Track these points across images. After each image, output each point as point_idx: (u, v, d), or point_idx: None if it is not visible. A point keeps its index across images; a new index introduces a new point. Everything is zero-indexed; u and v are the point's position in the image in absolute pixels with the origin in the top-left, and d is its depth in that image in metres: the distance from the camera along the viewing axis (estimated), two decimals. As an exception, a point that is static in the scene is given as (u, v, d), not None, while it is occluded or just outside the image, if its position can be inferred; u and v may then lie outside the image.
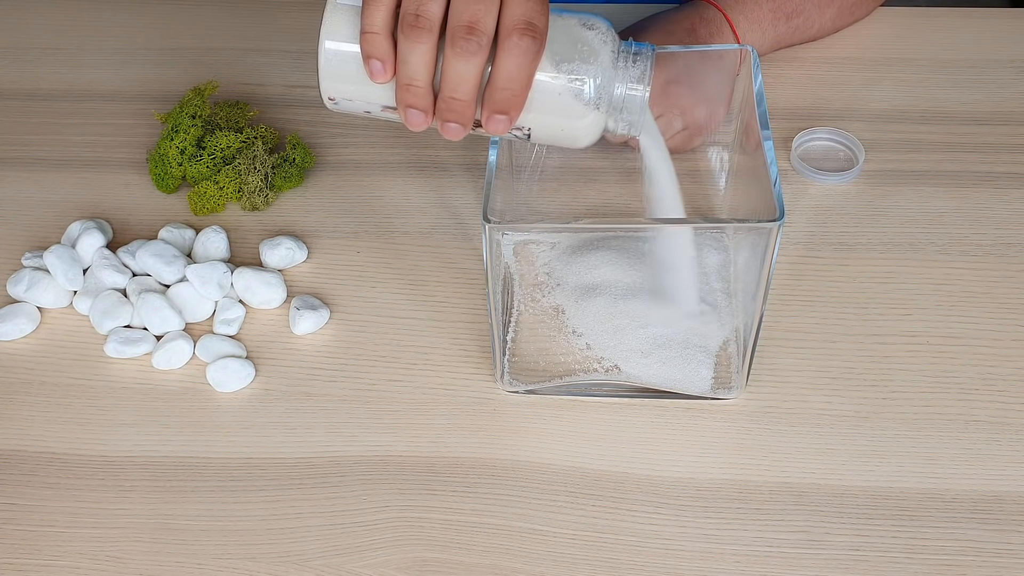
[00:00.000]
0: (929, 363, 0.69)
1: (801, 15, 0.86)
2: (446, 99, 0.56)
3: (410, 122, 0.58)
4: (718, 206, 0.76)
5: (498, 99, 0.56)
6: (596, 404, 0.68)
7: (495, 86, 0.56)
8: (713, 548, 0.61)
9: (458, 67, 0.55)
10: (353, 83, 0.58)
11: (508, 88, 0.56)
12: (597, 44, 0.58)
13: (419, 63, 0.55)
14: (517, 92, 0.56)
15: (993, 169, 0.81)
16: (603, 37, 0.58)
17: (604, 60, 0.58)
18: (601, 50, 0.58)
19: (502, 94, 0.56)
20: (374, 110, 0.60)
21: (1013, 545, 0.61)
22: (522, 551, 0.62)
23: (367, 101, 0.59)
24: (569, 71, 0.58)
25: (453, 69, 0.55)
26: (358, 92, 0.59)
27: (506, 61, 0.55)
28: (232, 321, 0.73)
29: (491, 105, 0.57)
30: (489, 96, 0.56)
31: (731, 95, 0.70)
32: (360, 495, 0.64)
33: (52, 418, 0.69)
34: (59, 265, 0.74)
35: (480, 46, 0.55)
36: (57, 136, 0.87)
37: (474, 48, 0.55)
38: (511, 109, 0.57)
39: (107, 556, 0.62)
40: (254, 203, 0.80)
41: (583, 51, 0.58)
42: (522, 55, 0.55)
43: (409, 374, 0.70)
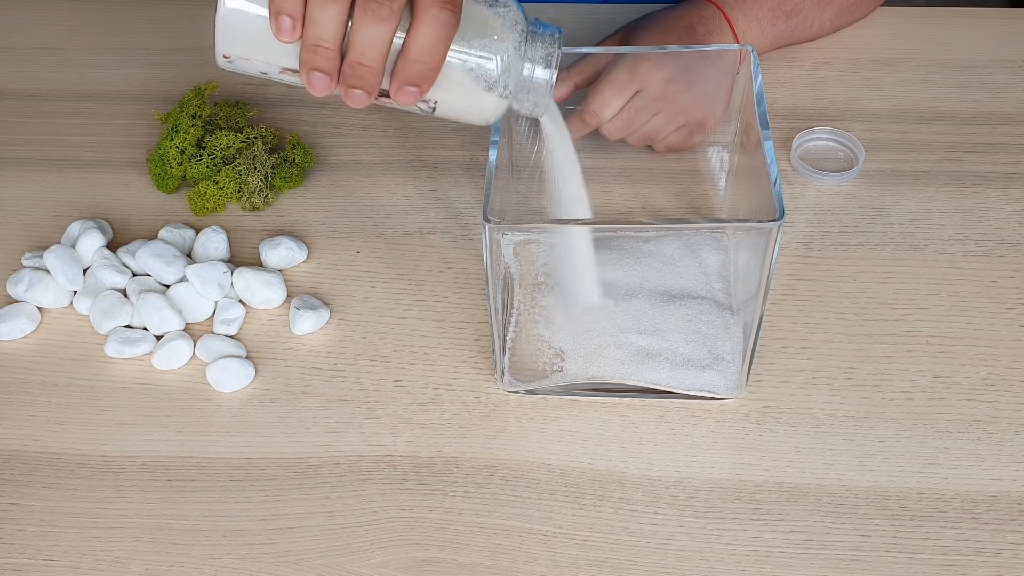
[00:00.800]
0: (929, 363, 0.69)
1: (800, 14, 0.86)
2: (352, 64, 0.55)
3: (313, 86, 0.56)
4: (718, 206, 0.76)
5: (412, 71, 0.55)
6: (596, 404, 0.68)
7: (410, 57, 0.55)
8: (713, 548, 0.61)
9: (368, 31, 0.54)
10: (253, 43, 0.56)
11: (423, 61, 0.55)
12: (507, 23, 0.58)
13: (330, 24, 0.54)
14: (432, 65, 0.55)
15: (993, 169, 0.81)
16: (513, 16, 0.58)
17: (512, 39, 0.58)
18: (510, 30, 0.58)
19: (416, 66, 0.55)
20: (271, 72, 0.58)
21: (1013, 545, 0.61)
22: (522, 551, 0.62)
23: (266, 62, 0.57)
24: (480, 47, 0.57)
25: (362, 33, 0.54)
26: (257, 52, 0.57)
27: (423, 32, 0.54)
28: (232, 321, 0.73)
29: (404, 77, 0.56)
30: (403, 67, 0.55)
31: (730, 93, 0.70)
32: (360, 495, 0.64)
33: (52, 418, 0.69)
34: (59, 265, 0.74)
35: (392, 12, 0.53)
36: (57, 136, 0.87)
37: (386, 13, 0.53)
38: (424, 82, 0.56)
39: (107, 556, 0.63)
40: (254, 203, 0.80)
41: (492, 29, 0.57)
42: (440, 28, 0.54)
43: (409, 374, 0.70)
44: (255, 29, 0.55)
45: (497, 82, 0.58)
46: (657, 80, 0.75)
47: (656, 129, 0.78)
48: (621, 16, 0.87)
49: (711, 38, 0.81)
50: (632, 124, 0.77)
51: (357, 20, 0.54)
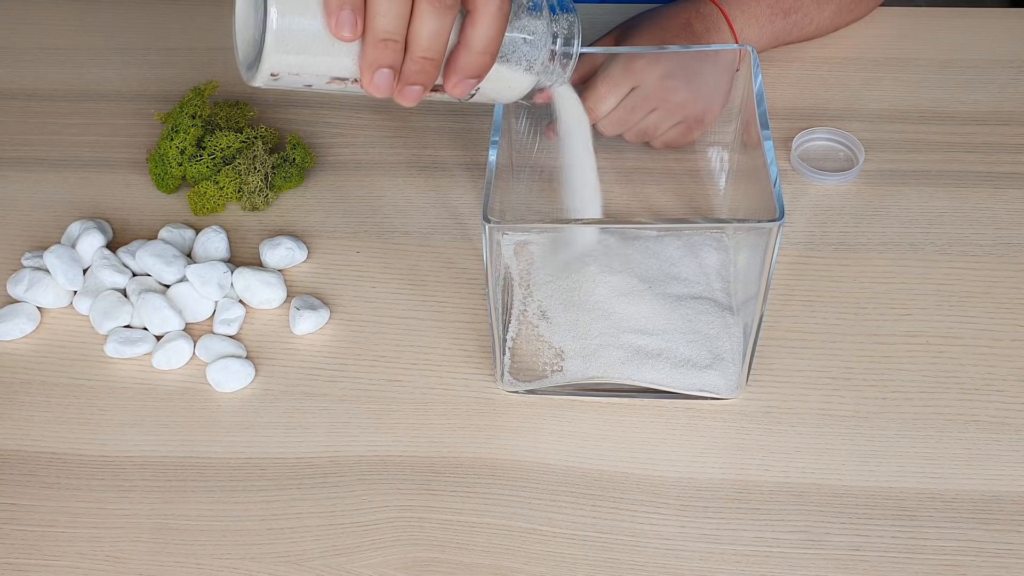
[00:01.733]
0: (929, 363, 0.69)
1: (799, 11, 0.86)
2: (416, 59, 0.52)
3: (377, 85, 0.52)
4: (718, 206, 0.76)
5: (475, 64, 0.54)
6: (596, 404, 0.68)
7: (473, 49, 0.53)
8: (713, 548, 0.61)
9: (432, 23, 0.51)
10: (306, 52, 0.53)
11: (487, 52, 0.54)
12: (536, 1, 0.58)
13: (399, 15, 0.51)
14: (493, 55, 0.54)
15: (993, 169, 0.81)
16: None
17: (544, 16, 0.58)
18: (543, 4, 0.58)
19: (480, 59, 0.54)
20: (318, 83, 0.55)
21: (1013, 545, 0.61)
22: (522, 551, 0.62)
23: (316, 73, 0.54)
24: (520, 29, 0.57)
25: (428, 26, 0.51)
26: (309, 63, 0.53)
27: (486, 24, 0.53)
28: (232, 321, 0.73)
29: (466, 70, 0.54)
30: (465, 60, 0.54)
31: (728, 89, 0.70)
32: (360, 495, 0.64)
33: (52, 418, 0.69)
34: (59, 265, 0.74)
35: (455, 2, 0.52)
36: (57, 136, 0.87)
37: (450, 2, 0.51)
38: (484, 73, 0.55)
39: (107, 556, 0.63)
40: (254, 203, 0.80)
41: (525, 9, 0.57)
42: (502, 18, 0.53)
43: (409, 374, 0.70)
44: (308, 37, 0.52)
45: (535, 60, 0.58)
46: (653, 76, 0.75)
47: (653, 125, 0.78)
48: (621, 16, 0.87)
49: (708, 35, 0.81)
50: (628, 120, 0.77)
51: (422, 12, 0.51)
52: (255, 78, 0.54)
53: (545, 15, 0.58)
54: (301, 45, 0.52)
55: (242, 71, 0.55)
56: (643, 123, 0.77)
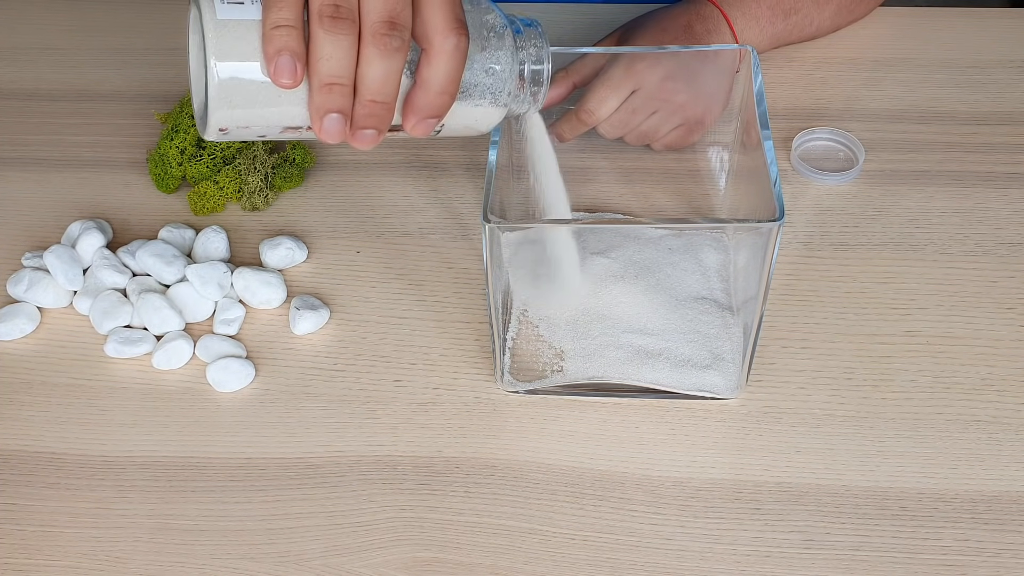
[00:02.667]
0: (929, 363, 0.69)
1: (799, 12, 0.86)
2: (366, 103, 0.51)
3: (328, 132, 0.51)
4: (718, 206, 0.76)
5: (434, 104, 0.52)
6: (596, 404, 0.68)
7: (431, 90, 0.52)
8: (713, 548, 0.61)
9: (381, 66, 0.50)
10: (252, 105, 0.51)
11: (446, 92, 0.52)
12: (499, 30, 0.55)
13: (343, 58, 0.49)
14: (452, 93, 0.53)
15: (993, 169, 0.81)
16: (501, 22, 0.55)
17: (508, 46, 0.55)
18: (502, 37, 0.55)
19: (439, 99, 0.52)
20: (271, 133, 0.53)
21: (1013, 545, 0.61)
22: (522, 551, 0.62)
23: (266, 124, 0.52)
24: (482, 62, 0.55)
25: (375, 69, 0.50)
26: (256, 115, 0.52)
27: (442, 63, 0.51)
28: (232, 321, 0.73)
29: (425, 110, 0.52)
30: (424, 101, 0.52)
31: (728, 91, 0.70)
32: (360, 495, 0.64)
33: (52, 418, 0.69)
34: (59, 265, 0.74)
35: (403, 42, 0.50)
36: (57, 136, 0.87)
37: (397, 44, 0.50)
38: (443, 111, 0.53)
39: (107, 556, 0.62)
40: (254, 203, 0.80)
41: (488, 41, 0.55)
42: (459, 57, 0.52)
43: (409, 374, 0.70)
44: (253, 88, 0.51)
45: (501, 92, 0.56)
46: (654, 79, 0.75)
47: (653, 128, 0.78)
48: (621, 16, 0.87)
49: (709, 37, 0.81)
50: (629, 123, 0.77)
51: (368, 56, 0.50)
52: (206, 132, 0.53)
53: (509, 44, 0.56)
54: (246, 98, 0.51)
55: (198, 125, 0.54)
56: (644, 125, 0.77)
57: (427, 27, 0.51)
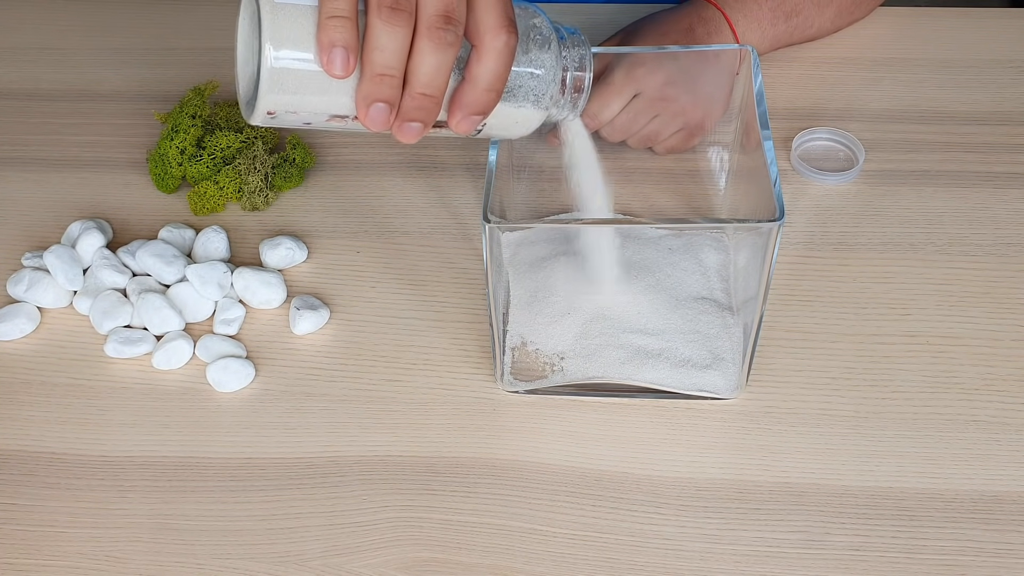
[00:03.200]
0: (929, 363, 0.69)
1: (800, 14, 0.86)
2: (415, 95, 0.51)
3: (373, 120, 0.51)
4: (718, 206, 0.76)
5: (481, 101, 0.53)
6: (596, 404, 0.68)
7: (479, 87, 0.52)
8: (713, 548, 0.61)
9: (433, 60, 0.50)
10: (302, 91, 0.52)
11: (493, 89, 0.53)
12: (545, 35, 0.56)
13: (397, 49, 0.50)
14: (499, 92, 0.53)
15: (993, 169, 0.81)
16: (548, 26, 0.56)
17: (553, 50, 0.56)
18: (548, 41, 0.56)
19: (486, 96, 0.53)
20: (317, 120, 0.54)
21: (1013, 545, 0.61)
22: (522, 551, 0.62)
23: (313, 111, 0.53)
24: (527, 64, 0.56)
25: (427, 62, 0.50)
26: (305, 101, 0.52)
27: (492, 60, 0.52)
28: (232, 321, 0.73)
29: (472, 106, 0.53)
30: (471, 97, 0.53)
31: (729, 94, 0.70)
32: (360, 495, 0.64)
33: (52, 418, 0.69)
34: (59, 265, 0.74)
35: (457, 37, 0.51)
36: (57, 136, 0.87)
37: (451, 39, 0.50)
38: (489, 108, 0.54)
39: (107, 556, 0.63)
40: (254, 203, 0.80)
41: (534, 43, 0.56)
42: (509, 55, 0.52)
43: (409, 374, 0.70)
44: (304, 76, 0.51)
45: (544, 95, 0.57)
46: (656, 82, 0.75)
47: (656, 131, 0.78)
48: (621, 16, 0.87)
49: (711, 39, 0.81)
50: (631, 126, 0.77)
51: (421, 48, 0.50)
52: (252, 116, 0.53)
53: (554, 49, 0.56)
54: (297, 84, 0.51)
55: (242, 108, 0.55)
56: (646, 129, 0.78)
57: (479, 24, 0.51)
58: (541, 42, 0.56)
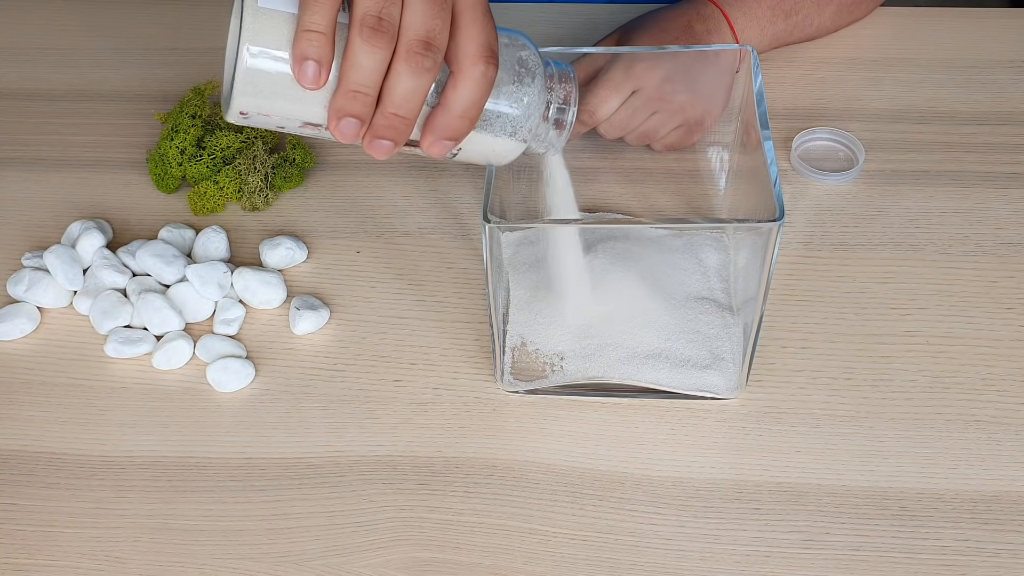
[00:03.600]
0: (929, 363, 0.69)
1: (799, 13, 0.86)
2: (387, 115, 0.52)
3: (342, 132, 0.52)
4: (718, 206, 0.76)
5: (452, 126, 0.53)
6: (596, 404, 0.68)
7: (452, 113, 0.53)
8: (713, 548, 0.61)
9: (408, 82, 0.51)
10: (275, 96, 0.52)
11: (467, 116, 0.53)
12: (531, 68, 0.56)
13: (375, 69, 0.51)
14: (472, 120, 0.54)
15: (993, 169, 0.81)
16: (535, 60, 0.57)
17: (537, 84, 0.56)
18: (534, 74, 0.56)
19: (458, 122, 0.53)
20: (290, 126, 0.54)
21: (1013, 545, 0.61)
22: (522, 551, 0.62)
23: (286, 116, 0.54)
24: (508, 96, 0.56)
25: (403, 84, 0.51)
26: (279, 106, 0.53)
27: (468, 88, 0.52)
28: (232, 321, 0.73)
29: (443, 131, 0.53)
30: (444, 122, 0.53)
31: (728, 92, 0.70)
32: (360, 495, 0.64)
33: (52, 418, 0.69)
34: (59, 265, 0.74)
35: (435, 63, 0.51)
36: (57, 136, 0.87)
37: (429, 65, 0.51)
38: (462, 136, 0.54)
39: (107, 556, 0.63)
40: (254, 203, 0.80)
41: (518, 76, 0.56)
42: (486, 84, 0.53)
43: (409, 374, 0.70)
44: (278, 81, 0.52)
45: (522, 127, 0.57)
46: (654, 79, 0.75)
47: (654, 128, 0.78)
48: (621, 16, 0.87)
49: (709, 37, 0.81)
50: (629, 123, 0.77)
51: (398, 71, 0.51)
52: (227, 114, 0.54)
53: (538, 83, 0.56)
54: (271, 88, 0.52)
55: (222, 105, 0.55)
56: (644, 126, 0.77)
57: (459, 51, 0.52)
58: (524, 75, 0.56)
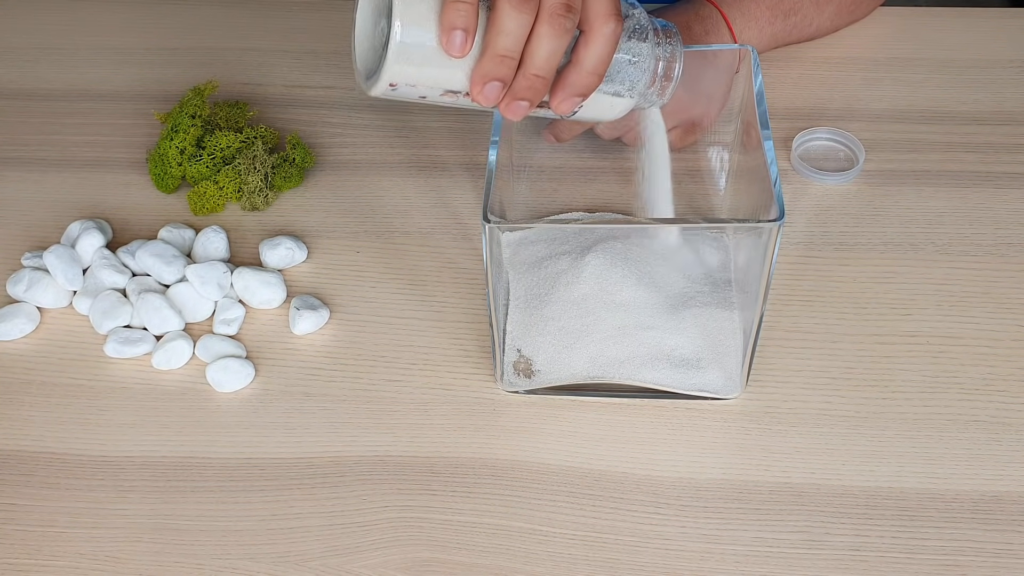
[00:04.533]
0: (929, 363, 0.69)
1: (799, 13, 0.86)
2: (528, 76, 0.54)
3: (486, 97, 0.55)
4: (718, 206, 0.76)
5: (584, 83, 0.56)
6: (596, 404, 0.68)
7: (585, 70, 0.55)
8: (713, 548, 0.61)
9: (550, 44, 0.53)
10: (424, 65, 0.55)
11: (596, 73, 0.55)
12: (642, 26, 0.59)
13: (520, 34, 0.53)
14: (601, 76, 0.56)
15: (993, 169, 0.81)
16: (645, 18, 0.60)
17: (650, 41, 0.60)
18: (645, 32, 0.59)
19: (589, 79, 0.55)
20: (432, 95, 0.57)
21: (1013, 545, 0.61)
22: (522, 551, 0.62)
23: (431, 85, 0.57)
24: (627, 52, 0.59)
25: (544, 46, 0.53)
26: (425, 74, 0.56)
27: (599, 45, 0.54)
28: (232, 321, 0.73)
29: (575, 88, 0.56)
30: (576, 79, 0.55)
31: (727, 92, 0.70)
32: (360, 495, 0.64)
33: (52, 418, 0.69)
34: (59, 265, 0.74)
35: (574, 24, 0.54)
36: (57, 136, 0.87)
37: (569, 26, 0.53)
38: (590, 90, 0.56)
39: (107, 556, 0.62)
40: (254, 203, 0.80)
41: (636, 31, 0.59)
42: (614, 41, 0.55)
43: (409, 374, 0.70)
44: (427, 51, 0.55)
45: (638, 83, 0.60)
46: None
47: None
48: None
49: (708, 38, 0.81)
50: (627, 123, 0.77)
51: (541, 33, 0.53)
52: (374, 88, 0.56)
53: (650, 39, 0.60)
54: (421, 58, 0.55)
55: (360, 81, 0.58)
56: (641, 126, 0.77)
57: (589, 11, 0.54)
58: (640, 32, 0.59)
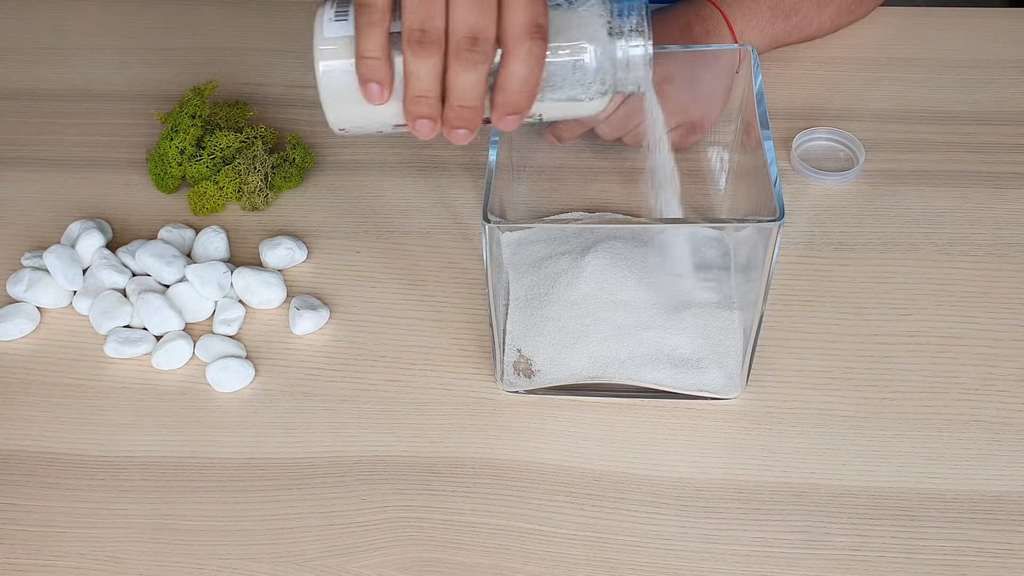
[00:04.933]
0: (929, 363, 0.69)
1: (799, 13, 0.86)
2: (454, 108, 0.57)
3: (420, 132, 0.58)
4: (718, 206, 0.76)
5: (511, 102, 0.57)
6: (596, 404, 0.68)
7: (508, 90, 0.56)
8: (713, 548, 0.61)
9: (465, 77, 0.55)
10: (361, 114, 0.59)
11: (523, 91, 0.56)
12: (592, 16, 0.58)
13: (429, 76, 0.56)
14: (529, 93, 0.57)
15: (993, 169, 0.81)
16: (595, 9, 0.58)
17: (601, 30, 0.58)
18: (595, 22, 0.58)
19: (515, 97, 0.56)
20: (385, 129, 0.60)
21: (1013, 545, 0.61)
22: (522, 551, 0.62)
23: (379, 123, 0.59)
24: (568, 52, 0.58)
25: (460, 80, 0.56)
26: (367, 120, 0.59)
27: (517, 67, 0.55)
28: (232, 321, 0.73)
29: (504, 108, 0.57)
30: (502, 100, 0.57)
31: (727, 93, 0.70)
32: (360, 495, 0.64)
33: (52, 418, 0.69)
34: (59, 265, 0.74)
35: (485, 55, 0.55)
36: (57, 136, 0.87)
37: (479, 59, 0.55)
38: (524, 108, 0.57)
39: (107, 556, 0.62)
40: (254, 203, 0.80)
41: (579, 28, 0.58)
42: (533, 59, 0.55)
43: (409, 374, 0.70)
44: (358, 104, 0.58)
45: (595, 78, 0.59)
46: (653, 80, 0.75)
47: None
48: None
49: (708, 38, 0.81)
50: (627, 124, 0.77)
51: (454, 70, 0.55)
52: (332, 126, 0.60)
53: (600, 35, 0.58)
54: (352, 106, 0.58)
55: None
56: (642, 127, 0.77)
57: (506, 32, 0.55)
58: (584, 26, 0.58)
